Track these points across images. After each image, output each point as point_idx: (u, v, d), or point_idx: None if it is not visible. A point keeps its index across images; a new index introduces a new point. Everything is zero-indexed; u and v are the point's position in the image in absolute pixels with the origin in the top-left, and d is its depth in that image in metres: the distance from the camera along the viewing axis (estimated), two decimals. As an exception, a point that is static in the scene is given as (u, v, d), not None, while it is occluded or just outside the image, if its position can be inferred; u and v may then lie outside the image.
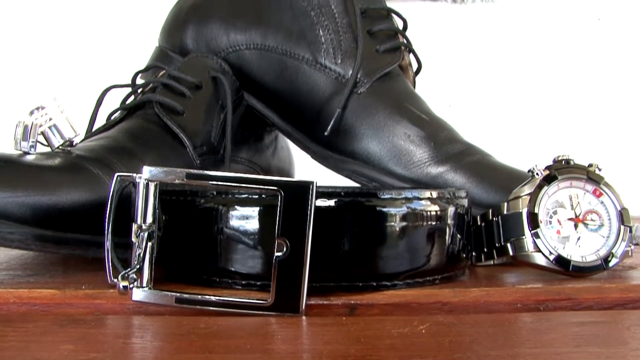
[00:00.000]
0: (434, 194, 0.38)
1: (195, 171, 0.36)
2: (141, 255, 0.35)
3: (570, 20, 0.82)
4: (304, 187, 0.35)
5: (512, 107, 0.81)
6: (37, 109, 0.44)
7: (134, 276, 0.35)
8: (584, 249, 0.40)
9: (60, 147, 0.43)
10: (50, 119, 0.44)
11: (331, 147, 0.54)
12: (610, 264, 0.40)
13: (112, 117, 0.51)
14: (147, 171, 0.35)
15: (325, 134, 0.53)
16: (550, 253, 0.39)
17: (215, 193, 0.37)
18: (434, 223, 0.38)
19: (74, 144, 0.44)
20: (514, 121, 0.82)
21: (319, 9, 0.56)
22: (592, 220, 0.40)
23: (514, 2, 0.82)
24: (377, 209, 0.37)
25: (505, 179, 0.48)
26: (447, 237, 0.39)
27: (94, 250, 0.40)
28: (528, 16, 0.82)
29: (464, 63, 0.82)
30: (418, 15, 0.82)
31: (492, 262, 0.43)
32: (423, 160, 0.51)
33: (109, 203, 0.36)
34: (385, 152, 0.52)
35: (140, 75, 0.55)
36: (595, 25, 0.82)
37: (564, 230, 0.40)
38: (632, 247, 0.41)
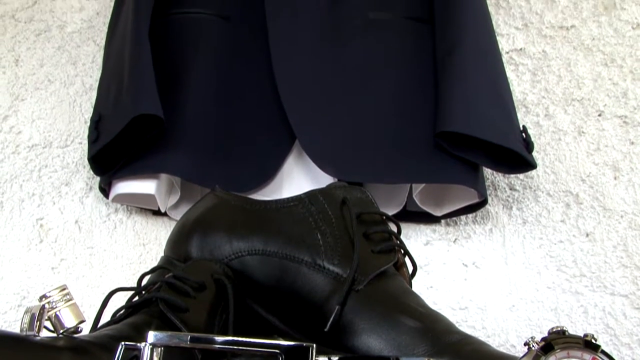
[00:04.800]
0: (432, 363, 0.41)
1: (199, 335, 0.38)
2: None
3: (558, 236, 0.88)
4: (304, 350, 0.38)
5: (508, 322, 0.84)
6: (45, 296, 0.47)
7: None
8: (589, 417, 0.41)
9: (65, 333, 0.46)
10: (57, 307, 0.47)
11: (331, 344, 0.56)
12: None
13: (117, 315, 0.55)
14: (152, 336, 0.38)
15: (325, 330, 0.56)
16: (556, 422, 0.40)
17: (217, 363, 0.40)
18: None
19: (79, 330, 0.47)
20: (514, 330, 0.84)
21: (317, 215, 0.62)
22: (594, 388, 0.42)
23: (504, 223, 0.89)
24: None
25: (506, 365, 0.50)
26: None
27: None
28: (516, 238, 0.88)
29: (461, 282, 0.86)
30: (413, 236, 0.89)
31: None
32: (423, 351, 0.53)
33: (112, 374, 0.38)
34: (384, 345, 0.54)
35: (146, 277, 0.60)
36: (583, 240, 0.88)
37: (567, 399, 0.42)
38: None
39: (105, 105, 0.82)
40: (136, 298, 0.57)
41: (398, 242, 0.62)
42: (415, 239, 0.89)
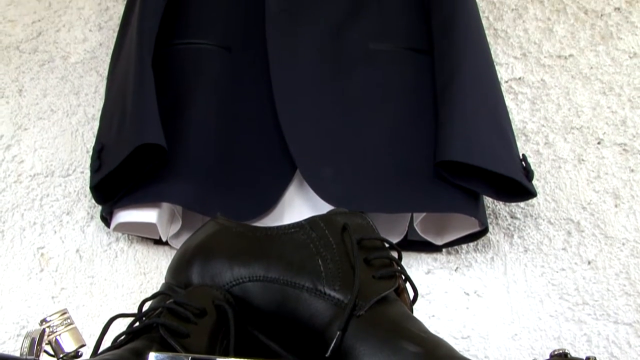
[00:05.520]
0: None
1: (200, 356, 0.39)
2: None
3: (560, 263, 0.89)
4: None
5: (511, 351, 0.84)
6: (45, 320, 0.48)
7: None
8: None
9: (65, 358, 0.47)
10: (57, 332, 0.47)
11: (333, 370, 0.56)
12: None
13: (118, 341, 0.55)
14: (153, 357, 0.39)
15: (327, 356, 0.56)
16: None
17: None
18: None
19: (79, 354, 0.47)
20: (517, 359, 0.84)
21: (318, 241, 0.62)
22: (595, 411, 0.42)
23: (506, 251, 0.89)
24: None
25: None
26: None
27: None
28: (518, 267, 0.89)
29: (462, 310, 0.86)
30: (414, 265, 0.89)
31: None
32: (425, 377, 0.53)
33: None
34: (386, 371, 0.54)
35: (147, 303, 0.60)
36: (585, 268, 0.88)
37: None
38: None
39: (108, 135, 0.83)
40: (137, 324, 0.57)
41: (399, 267, 0.62)
42: (417, 268, 0.90)
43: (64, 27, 1.04)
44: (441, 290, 0.88)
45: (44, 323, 0.47)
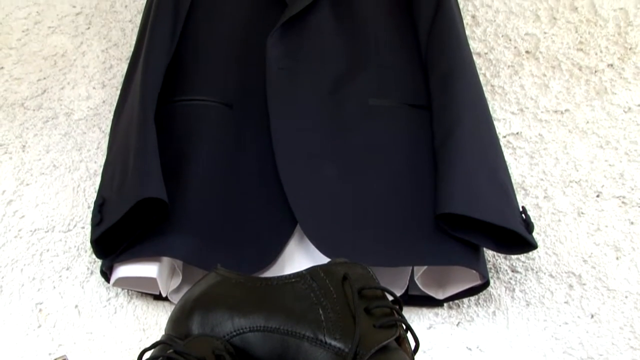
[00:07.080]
0: None
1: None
2: None
3: (563, 317, 0.89)
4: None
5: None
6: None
7: None
8: None
9: (66, 404, 0.47)
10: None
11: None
12: None
13: (116, 390, 0.55)
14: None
15: (328, 405, 0.56)
16: None
17: None
18: None
19: (79, 401, 0.47)
20: None
21: (319, 291, 0.63)
22: None
23: (508, 305, 0.90)
24: None
25: None
26: None
27: None
28: (520, 321, 0.89)
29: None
30: (416, 320, 0.90)
31: None
32: None
33: None
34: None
35: (147, 353, 0.60)
36: (589, 322, 0.89)
37: None
38: None
39: (110, 189, 0.84)
40: (136, 374, 0.58)
41: (399, 317, 0.63)
42: (418, 323, 0.90)
43: (68, 85, 1.08)
44: (443, 345, 0.88)
45: (44, 370, 0.48)
